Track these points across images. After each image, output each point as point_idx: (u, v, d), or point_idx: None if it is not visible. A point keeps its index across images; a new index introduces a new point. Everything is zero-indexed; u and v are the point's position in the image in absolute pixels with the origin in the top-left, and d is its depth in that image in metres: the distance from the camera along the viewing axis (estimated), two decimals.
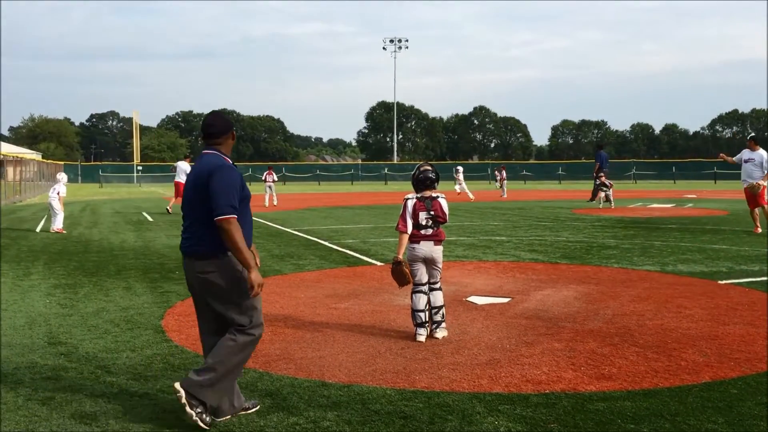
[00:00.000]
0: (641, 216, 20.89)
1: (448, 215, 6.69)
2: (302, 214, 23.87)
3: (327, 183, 75.57)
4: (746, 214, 21.24)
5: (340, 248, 13.55)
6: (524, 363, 5.57)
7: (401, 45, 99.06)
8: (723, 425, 4.19)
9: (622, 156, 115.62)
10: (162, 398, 4.78)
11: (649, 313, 7.38)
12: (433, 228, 6.61)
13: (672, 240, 14.24)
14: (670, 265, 10.78)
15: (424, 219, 6.59)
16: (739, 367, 5.41)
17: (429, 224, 6.60)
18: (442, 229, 6.70)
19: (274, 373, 5.36)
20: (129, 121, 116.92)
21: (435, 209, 6.60)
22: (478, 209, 26.13)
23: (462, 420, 4.32)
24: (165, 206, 30.78)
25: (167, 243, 14.87)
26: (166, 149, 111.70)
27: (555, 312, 7.50)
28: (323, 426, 4.24)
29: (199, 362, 5.65)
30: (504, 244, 14.01)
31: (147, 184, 70.67)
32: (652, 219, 20.42)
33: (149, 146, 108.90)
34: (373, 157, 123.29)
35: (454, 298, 8.29)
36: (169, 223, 20.57)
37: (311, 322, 7.10)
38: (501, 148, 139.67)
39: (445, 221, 6.65)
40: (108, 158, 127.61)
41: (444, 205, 6.68)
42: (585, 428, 4.16)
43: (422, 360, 5.69)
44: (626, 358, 5.70)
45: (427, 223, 6.60)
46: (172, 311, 7.74)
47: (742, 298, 8.11)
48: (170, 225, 19.75)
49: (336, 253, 12.84)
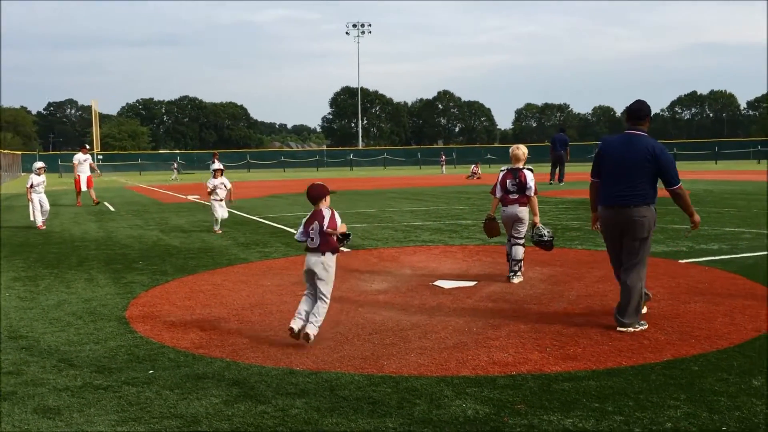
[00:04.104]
0: None
1: (533, 185, 8.21)
2: (268, 202, 23.70)
3: (292, 170, 75.15)
4: (706, 194, 21.69)
5: None
6: (491, 345, 5.61)
7: (364, 30, 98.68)
8: (685, 401, 4.28)
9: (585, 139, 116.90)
10: (127, 390, 4.72)
11: (613, 294, 7.48)
12: (518, 193, 8.20)
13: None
14: None
15: (510, 186, 8.22)
16: (699, 344, 5.53)
17: (514, 190, 8.20)
18: (531, 195, 8.17)
19: (242, 362, 5.32)
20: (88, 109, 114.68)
21: (520, 178, 8.19)
22: (444, 194, 26.24)
23: (430, 403, 4.35)
24: (127, 196, 30.33)
25: (130, 233, 14.65)
26: (127, 137, 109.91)
27: (521, 294, 7.57)
28: (292, 414, 4.22)
29: (163, 352, 5.59)
30: (470, 228, 14.10)
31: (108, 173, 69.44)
32: None
33: (110, 135, 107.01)
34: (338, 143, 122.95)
35: (421, 283, 8.32)
36: (131, 212, 20.27)
37: (278, 310, 7.06)
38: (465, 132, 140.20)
39: (529, 189, 8.17)
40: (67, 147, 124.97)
41: (528, 176, 8.23)
42: (551, 408, 4.21)
43: (390, 345, 5.70)
44: (591, 338, 5.78)
45: (513, 189, 8.20)
46: (136, 302, 7.63)
47: (702, 277, 8.27)
48: (133, 215, 19.47)
49: None
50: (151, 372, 5.12)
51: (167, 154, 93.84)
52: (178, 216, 18.77)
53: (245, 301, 7.52)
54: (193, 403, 4.44)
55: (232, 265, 10.01)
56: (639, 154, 5.98)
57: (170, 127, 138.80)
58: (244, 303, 7.45)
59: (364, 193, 27.70)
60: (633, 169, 5.99)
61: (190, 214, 19.17)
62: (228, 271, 9.56)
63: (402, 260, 10.08)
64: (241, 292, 8.04)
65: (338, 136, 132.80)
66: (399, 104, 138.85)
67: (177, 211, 20.43)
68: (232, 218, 17.65)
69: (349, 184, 37.86)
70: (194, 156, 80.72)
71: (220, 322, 6.65)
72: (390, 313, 6.83)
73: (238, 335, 6.13)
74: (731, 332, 5.84)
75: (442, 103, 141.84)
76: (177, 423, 4.13)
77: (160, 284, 8.66)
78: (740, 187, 26.13)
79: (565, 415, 4.09)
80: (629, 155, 6.02)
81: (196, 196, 27.53)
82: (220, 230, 14.23)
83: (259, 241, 12.70)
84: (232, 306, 7.32)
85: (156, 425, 4.10)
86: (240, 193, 29.83)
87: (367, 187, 32.96)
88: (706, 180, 32.09)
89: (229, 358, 5.43)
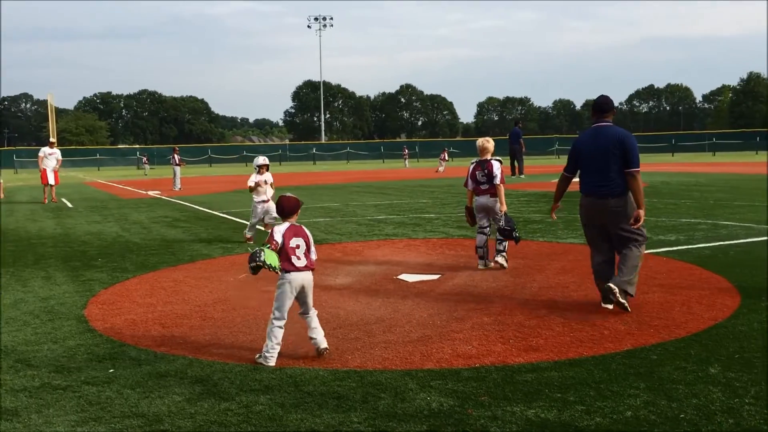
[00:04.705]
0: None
1: (499, 174, 8.51)
2: (230, 197, 23.47)
3: None
4: (663, 186, 22.12)
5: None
6: (455, 338, 5.65)
7: (326, 23, 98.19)
8: (644, 390, 4.37)
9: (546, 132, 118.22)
10: (87, 390, 4.63)
11: (574, 285, 7.61)
12: (488, 184, 8.52)
13: None
14: None
15: (480, 177, 8.57)
16: (658, 333, 5.64)
17: (484, 180, 8.54)
18: (497, 183, 8.48)
19: (204, 359, 5.27)
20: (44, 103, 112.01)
21: (488, 168, 8.52)
22: (407, 187, 26.31)
23: (395, 397, 4.36)
24: (86, 192, 29.82)
25: (88, 229, 14.38)
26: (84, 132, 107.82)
27: (484, 287, 7.63)
28: (256, 410, 4.20)
29: (124, 351, 5.51)
30: (433, 222, 14.16)
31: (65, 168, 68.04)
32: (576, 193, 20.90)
33: (66, 129, 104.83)
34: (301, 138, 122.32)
35: (385, 277, 8.33)
36: (90, 209, 19.90)
37: (241, 306, 7.01)
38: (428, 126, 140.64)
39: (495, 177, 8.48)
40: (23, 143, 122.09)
41: (495, 165, 8.55)
42: (514, 399, 4.26)
43: (354, 339, 5.70)
44: (552, 329, 5.86)
45: (483, 180, 8.54)
46: (96, 300, 7.50)
47: (660, 267, 8.43)
48: (91, 211, 19.12)
49: (266, 235, 12.68)
50: (111, 371, 5.04)
51: (126, 149, 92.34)
52: (138, 212, 18.48)
53: (208, 298, 7.45)
54: (155, 402, 4.38)
55: (194, 261, 9.90)
56: (608, 142, 6.40)
57: (129, 122, 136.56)
58: (206, 299, 7.37)
59: (327, 188, 27.62)
60: (604, 158, 6.39)
61: (150, 210, 18.89)
62: (190, 267, 9.45)
63: (366, 254, 10.08)
64: (203, 288, 7.96)
65: (301, 130, 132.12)
66: (361, 98, 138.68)
67: (137, 207, 20.12)
68: (193, 214, 17.45)
69: (313, 178, 37.73)
70: (154, 151, 79.44)
71: (182, 319, 6.58)
72: (354, 307, 6.83)
73: (201, 332, 6.06)
74: (688, 321, 5.97)
75: (405, 96, 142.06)
76: (139, 422, 4.07)
77: (120, 281, 8.52)
78: (695, 179, 26.70)
79: (528, 406, 4.14)
80: (600, 145, 6.46)
81: (157, 192, 27.15)
82: (252, 235, 11.74)
83: (221, 237, 12.58)
84: (194, 303, 7.24)
85: (117, 425, 4.04)
86: (202, 188, 29.53)
87: (330, 182, 32.88)
88: (663, 172, 32.72)
89: (192, 355, 5.37)
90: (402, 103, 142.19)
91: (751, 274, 7.86)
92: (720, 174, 30.51)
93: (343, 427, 3.92)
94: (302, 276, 5.21)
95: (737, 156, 61.84)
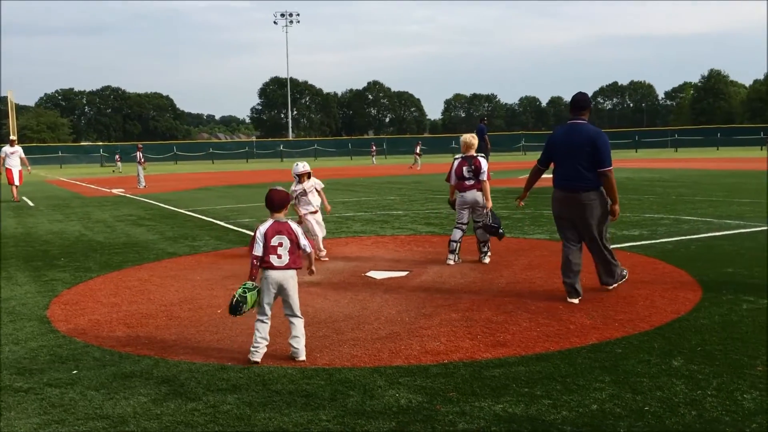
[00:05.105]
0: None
1: (486, 170, 8.60)
2: (196, 194, 23.23)
3: (221, 161, 73.89)
4: (628, 182, 22.44)
5: (237, 228, 13.31)
6: (423, 335, 5.66)
7: (292, 19, 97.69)
8: (609, 383, 4.43)
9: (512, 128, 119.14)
10: (49, 392, 4.55)
11: (540, 281, 7.68)
12: (474, 179, 8.57)
13: None
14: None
15: (467, 172, 8.57)
16: (622, 327, 5.72)
17: (470, 176, 8.56)
18: (484, 179, 8.56)
19: (171, 359, 5.20)
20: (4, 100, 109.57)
21: (475, 164, 8.55)
22: (375, 184, 26.31)
23: (364, 394, 4.35)
24: (48, 190, 29.29)
25: (50, 228, 14.12)
26: (46, 129, 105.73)
27: (452, 283, 7.67)
28: (223, 410, 4.16)
29: (88, 351, 5.42)
30: (401, 218, 14.18)
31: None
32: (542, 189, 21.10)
33: (27, 126, 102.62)
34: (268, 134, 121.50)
35: (353, 274, 8.32)
36: (52, 207, 19.53)
37: (209, 305, 6.94)
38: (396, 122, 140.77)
39: (483, 173, 8.54)
40: None
41: (482, 162, 8.60)
42: (482, 395, 4.28)
43: (323, 337, 5.68)
44: (519, 324, 5.91)
45: (469, 175, 8.56)
46: (58, 300, 7.36)
47: (624, 262, 8.53)
48: (53, 209, 18.77)
49: (232, 233, 12.60)
50: (75, 372, 4.95)
51: (89, 146, 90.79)
52: (101, 210, 18.19)
53: (174, 297, 7.36)
54: (120, 403, 4.32)
55: (160, 260, 9.78)
56: (581, 139, 6.61)
57: (92, 119, 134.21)
58: (172, 298, 7.28)
59: None
60: (577, 154, 6.60)
61: (114, 208, 18.61)
62: (155, 266, 9.33)
63: (334, 251, 10.06)
64: (169, 287, 7.86)
65: (268, 127, 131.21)
66: (329, 95, 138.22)
67: (100, 205, 19.80)
68: (159, 212, 17.23)
69: (280, 175, 37.52)
70: (118, 148, 78.21)
71: (147, 318, 6.49)
72: (322, 305, 6.81)
73: (167, 332, 5.99)
74: (652, 315, 6.07)
75: (372, 93, 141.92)
76: (103, 424, 4.01)
77: (84, 281, 8.38)
78: (659, 174, 27.15)
79: (496, 401, 4.17)
80: (573, 142, 6.66)
81: (121, 190, 26.76)
82: (325, 254, 9.53)
83: (187, 235, 12.44)
84: (160, 302, 7.15)
85: (81, 427, 3.97)
86: (167, 185, 29.17)
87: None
88: (627, 168, 33.22)
89: (158, 355, 5.31)
90: (369, 99, 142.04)
91: (712, 267, 8.02)
92: (682, 170, 31.08)
93: (312, 425, 3.91)
94: (280, 274, 5.15)
95: (699, 152, 63.05)
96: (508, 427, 3.81)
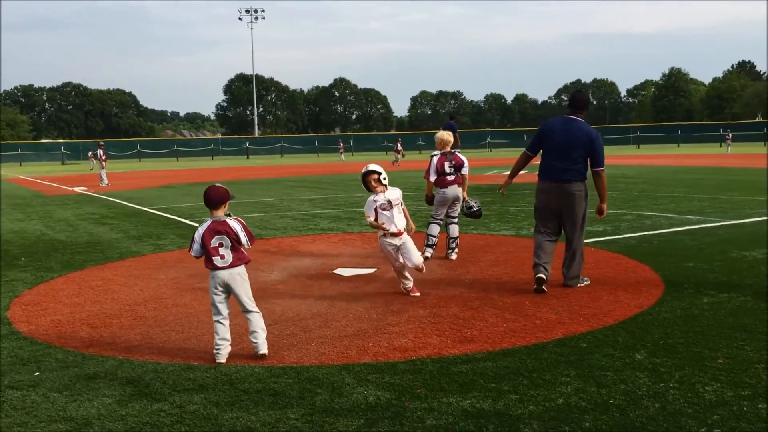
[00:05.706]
0: (497, 183, 21.80)
1: (467, 164, 8.78)
2: (161, 192, 22.94)
3: (186, 159, 73.02)
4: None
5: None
6: (391, 332, 5.67)
7: (257, 15, 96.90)
8: (575, 377, 4.48)
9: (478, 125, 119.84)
10: (11, 395, 4.45)
11: (507, 276, 7.75)
12: (455, 174, 8.65)
13: (526, 205, 14.99)
14: (525, 229, 11.35)
15: (448, 168, 8.61)
16: (587, 322, 5.80)
17: (452, 171, 8.62)
18: (466, 173, 8.75)
19: (135, 359, 5.13)
20: None
21: (455, 159, 8.63)
22: (342, 181, 26.26)
23: (332, 392, 4.35)
24: (8, 189, 28.69)
25: (10, 227, 13.82)
26: (5, 126, 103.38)
27: (419, 280, 7.68)
28: (189, 410, 4.12)
29: (50, 353, 5.31)
30: None
31: None
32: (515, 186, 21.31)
33: None
34: (234, 131, 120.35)
35: (321, 272, 8.30)
36: (11, 206, 19.12)
37: (174, 304, 6.86)
38: (362, 119, 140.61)
39: (465, 168, 8.73)
40: None
41: (462, 157, 8.71)
42: (450, 390, 4.31)
43: (290, 335, 5.66)
44: (486, 320, 5.95)
45: (450, 171, 8.61)
46: (19, 301, 7.21)
47: (588, 258, 8.65)
48: (13, 208, 18.37)
49: None
50: (36, 374, 4.86)
51: (50, 143, 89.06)
52: (63, 209, 17.86)
53: (138, 296, 7.26)
54: (83, 405, 4.24)
55: (124, 259, 9.64)
56: (578, 136, 6.84)
57: (53, 116, 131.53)
58: (137, 298, 7.18)
59: (261, 182, 27.32)
60: (572, 149, 6.83)
61: (76, 207, 18.28)
62: (119, 265, 9.19)
63: (301, 249, 10.02)
64: (133, 286, 7.75)
65: (233, 124, 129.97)
66: (295, 92, 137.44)
67: (62, 204, 19.44)
68: (122, 210, 16.98)
69: (246, 173, 37.23)
70: (80, 146, 76.82)
71: (111, 318, 6.39)
72: (290, 303, 6.78)
73: (131, 332, 5.91)
74: (615, 309, 6.16)
75: (339, 90, 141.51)
76: (66, 426, 3.94)
77: (45, 281, 8.22)
78: (621, 171, 27.56)
79: (464, 397, 4.19)
80: (570, 137, 6.86)
81: (83, 188, 26.30)
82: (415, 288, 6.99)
83: (152, 233, 12.28)
84: (124, 302, 7.04)
85: (44, 430, 3.90)
86: (131, 183, 28.76)
87: (264, 176, 32.52)
88: None
89: (122, 356, 5.23)
90: (336, 96, 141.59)
91: (674, 262, 8.17)
92: (644, 166, 31.62)
93: (280, 424, 3.89)
94: (224, 273, 5.13)
95: (660, 149, 64.18)
96: (475, 422, 3.83)
